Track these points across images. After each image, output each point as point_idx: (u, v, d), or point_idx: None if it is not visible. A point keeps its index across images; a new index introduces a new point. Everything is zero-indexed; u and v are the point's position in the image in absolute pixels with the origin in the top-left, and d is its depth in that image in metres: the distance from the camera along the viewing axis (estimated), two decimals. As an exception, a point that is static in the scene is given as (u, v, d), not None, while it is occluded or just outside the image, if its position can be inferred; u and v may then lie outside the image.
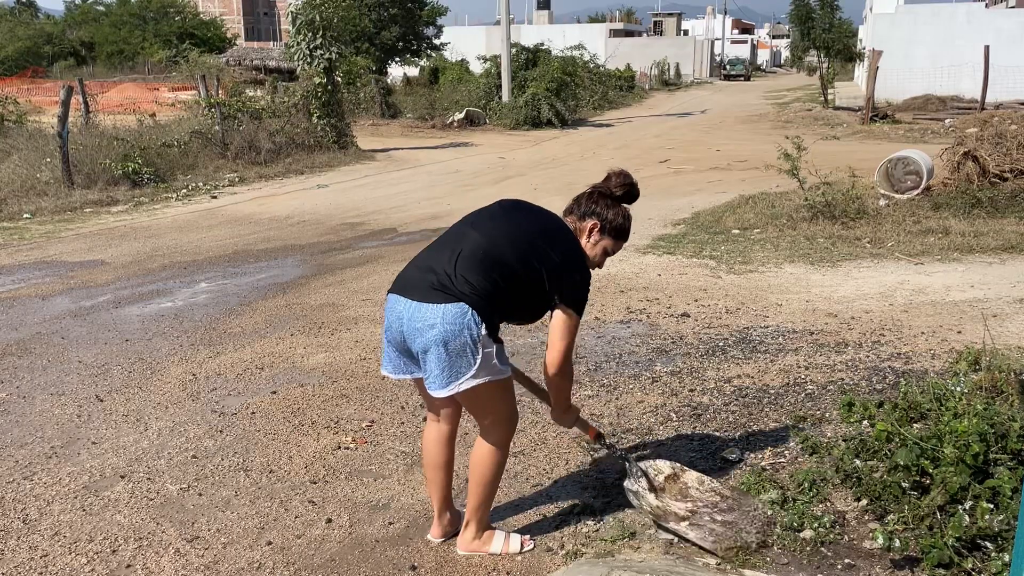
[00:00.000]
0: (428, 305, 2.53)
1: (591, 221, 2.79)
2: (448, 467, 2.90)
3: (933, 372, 4.35)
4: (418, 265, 2.67)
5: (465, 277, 2.54)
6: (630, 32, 57.09)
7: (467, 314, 2.50)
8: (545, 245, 2.63)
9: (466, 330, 2.50)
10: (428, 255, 2.68)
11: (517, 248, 2.60)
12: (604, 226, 2.79)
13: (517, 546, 2.90)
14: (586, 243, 2.79)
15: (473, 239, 2.62)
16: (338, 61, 15.81)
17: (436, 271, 2.58)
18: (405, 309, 2.58)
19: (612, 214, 2.80)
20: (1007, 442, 2.78)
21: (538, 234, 2.66)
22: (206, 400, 4.32)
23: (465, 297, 2.52)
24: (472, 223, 2.71)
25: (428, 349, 2.53)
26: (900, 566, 2.68)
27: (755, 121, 23.00)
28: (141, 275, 7.00)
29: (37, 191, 10.70)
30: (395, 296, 2.65)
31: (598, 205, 2.80)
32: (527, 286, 2.60)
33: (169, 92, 24.43)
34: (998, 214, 8.12)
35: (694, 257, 7.24)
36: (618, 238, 2.84)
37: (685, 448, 3.64)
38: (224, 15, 66.15)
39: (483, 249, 2.59)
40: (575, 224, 2.80)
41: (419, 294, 2.57)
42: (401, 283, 2.66)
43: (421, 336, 2.54)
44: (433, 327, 2.51)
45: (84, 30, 49.39)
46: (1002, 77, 21.32)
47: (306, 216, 9.65)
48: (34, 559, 2.92)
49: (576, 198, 2.85)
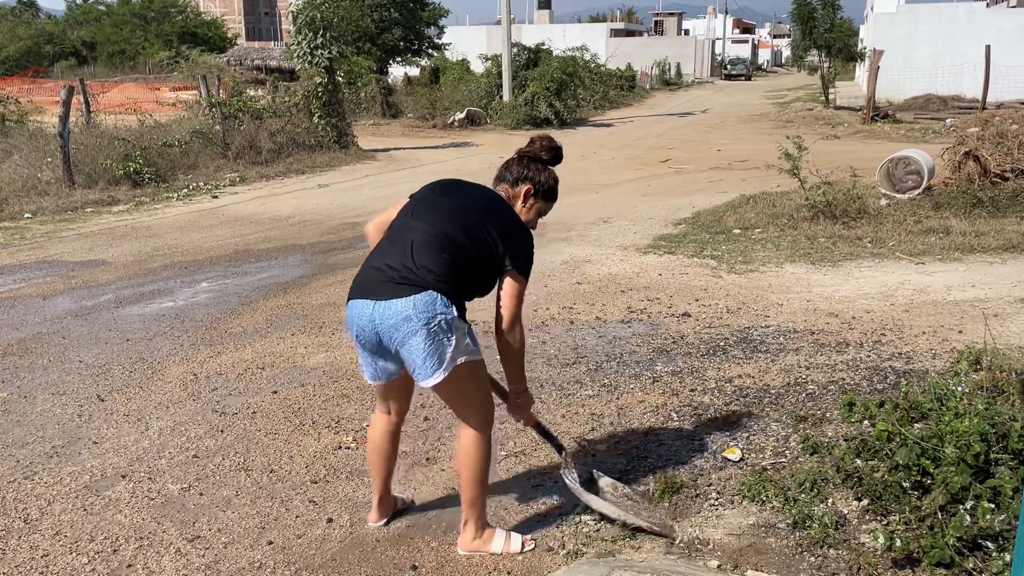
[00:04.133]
0: (398, 300, 2.57)
1: (524, 186, 2.88)
2: (394, 456, 3.01)
3: (934, 372, 4.35)
4: (374, 266, 2.69)
5: (425, 266, 2.60)
6: (631, 32, 57.07)
7: (437, 300, 2.56)
8: (487, 217, 2.71)
9: (439, 315, 2.56)
10: (380, 256, 2.72)
11: (463, 226, 2.67)
12: (537, 189, 2.89)
13: (518, 546, 2.90)
14: (521, 208, 2.88)
15: (420, 228, 2.68)
16: (339, 61, 15.81)
17: (395, 267, 2.62)
18: (375, 310, 2.61)
19: (543, 177, 2.90)
20: (1008, 442, 2.77)
21: (477, 208, 2.74)
22: (207, 400, 4.32)
23: (430, 284, 2.57)
24: (413, 214, 2.76)
25: (408, 342, 2.57)
26: (901, 566, 2.68)
27: (756, 121, 22.99)
28: (142, 275, 7.00)
29: (38, 191, 10.71)
30: (359, 301, 2.66)
31: (529, 170, 2.89)
32: (479, 260, 2.68)
33: (170, 92, 24.45)
34: (999, 214, 8.11)
35: (695, 257, 7.24)
36: (549, 199, 2.95)
37: (686, 448, 3.64)
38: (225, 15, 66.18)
39: (432, 235, 2.65)
40: (507, 191, 2.89)
41: (386, 292, 2.60)
42: (361, 287, 2.68)
43: (398, 331, 2.57)
44: (408, 319, 2.55)
45: (85, 30, 49.45)
46: (1003, 76, 21.32)
47: (307, 216, 9.65)
48: (35, 558, 2.93)
49: (505, 164, 2.93)
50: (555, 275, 6.72)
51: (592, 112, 26.63)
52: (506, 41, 23.31)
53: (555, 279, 6.60)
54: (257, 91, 19.88)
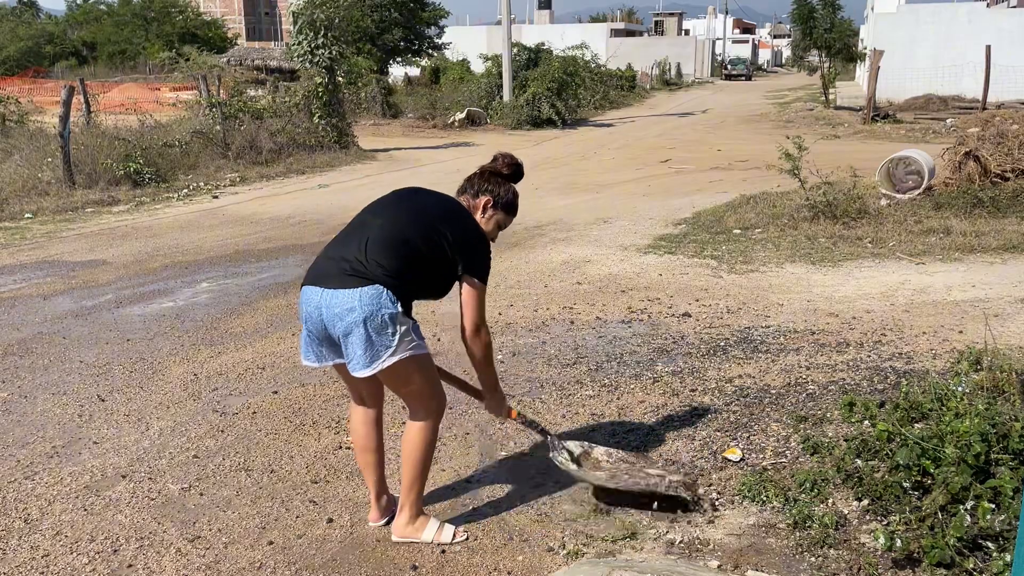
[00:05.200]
0: (345, 291, 2.65)
1: (484, 198, 2.97)
2: (379, 450, 3.03)
3: (934, 372, 4.35)
4: (329, 256, 2.80)
5: (376, 261, 2.68)
6: (631, 32, 57.05)
7: (383, 294, 2.64)
8: (446, 223, 2.80)
9: (384, 309, 2.64)
10: (336, 247, 2.81)
11: (420, 228, 2.76)
12: (497, 201, 2.98)
13: (450, 536, 2.96)
14: (481, 218, 2.97)
15: (378, 225, 2.78)
16: (339, 61, 15.81)
17: (348, 259, 2.71)
18: (323, 298, 2.70)
19: (503, 191, 2.99)
20: (1008, 442, 2.77)
21: (437, 215, 2.82)
22: (207, 400, 4.33)
23: (379, 279, 2.66)
24: (373, 212, 2.88)
25: (350, 332, 2.65)
26: (901, 566, 2.68)
27: (756, 121, 22.99)
28: (142, 275, 7.00)
29: (39, 191, 10.71)
30: (310, 288, 2.76)
31: (489, 183, 2.99)
32: (433, 263, 2.76)
33: (170, 92, 24.44)
34: (999, 214, 8.11)
35: (695, 257, 7.24)
36: (509, 212, 3.03)
37: (686, 448, 3.64)
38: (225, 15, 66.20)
39: (389, 233, 2.75)
40: (469, 202, 2.98)
41: (335, 282, 2.69)
42: (314, 274, 2.79)
43: (341, 320, 2.65)
44: (352, 310, 2.63)
45: (86, 30, 49.47)
46: (1003, 77, 21.30)
47: (307, 216, 9.65)
48: (35, 559, 2.93)
49: (468, 178, 3.04)
50: (555, 275, 6.72)
51: (592, 112, 26.63)
52: (506, 41, 23.31)
53: (555, 279, 6.60)
54: (257, 91, 19.89)
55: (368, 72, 23.23)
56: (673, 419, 3.94)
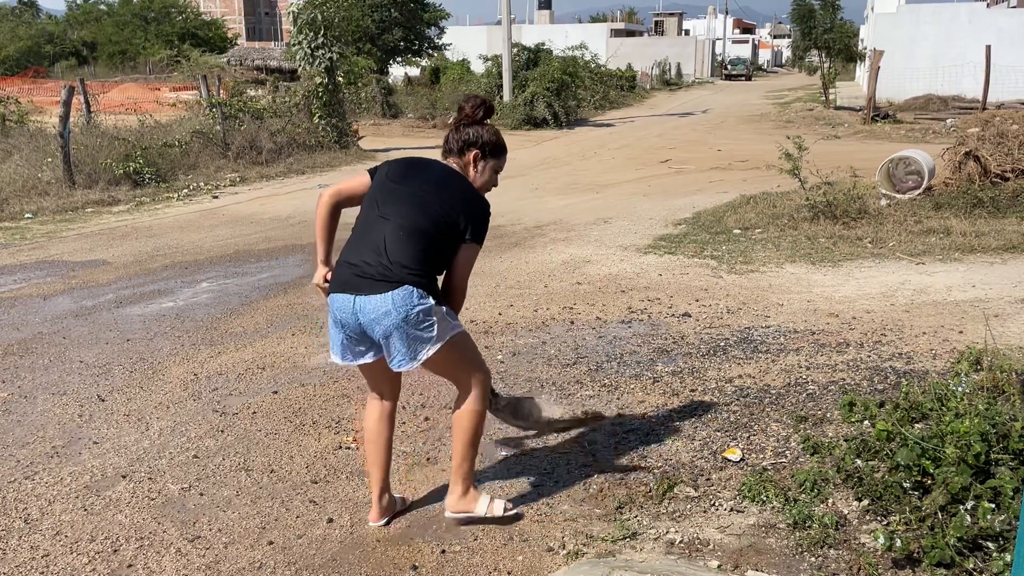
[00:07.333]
0: (376, 296, 2.73)
1: (471, 152, 2.97)
2: (388, 444, 3.09)
3: (935, 372, 4.35)
4: (350, 262, 2.85)
5: (399, 262, 2.75)
6: (631, 32, 57.04)
7: (413, 293, 2.73)
8: (444, 197, 2.85)
9: (418, 306, 2.73)
10: (354, 252, 2.86)
11: (426, 215, 2.82)
12: (484, 150, 2.97)
13: (500, 509, 3.03)
14: (475, 174, 2.99)
15: (389, 227, 2.82)
16: (339, 61, 15.81)
17: (371, 263, 2.78)
18: (356, 304, 2.78)
19: (485, 135, 2.98)
20: (1008, 442, 2.77)
21: (435, 190, 2.87)
22: (207, 400, 4.33)
23: (405, 279, 2.74)
24: (379, 211, 2.88)
25: (390, 334, 2.75)
26: (901, 566, 2.68)
27: (756, 121, 22.99)
28: (142, 275, 7.00)
29: (39, 191, 10.71)
30: (340, 296, 2.83)
31: (468, 134, 2.97)
32: (447, 238, 2.84)
33: (170, 92, 24.45)
34: (999, 214, 8.11)
35: (695, 257, 7.24)
36: (499, 154, 3.03)
37: (686, 448, 3.64)
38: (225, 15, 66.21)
39: (402, 230, 2.80)
40: (457, 163, 2.99)
41: (365, 288, 2.76)
42: (340, 282, 2.85)
43: (379, 324, 2.75)
44: (388, 314, 2.72)
45: (86, 30, 49.46)
46: (1003, 77, 21.30)
47: (307, 216, 9.65)
48: (35, 559, 2.93)
49: (445, 139, 3.03)
50: (555, 275, 6.72)
51: (592, 112, 26.63)
52: (506, 41, 23.32)
53: (555, 279, 6.60)
54: (257, 91, 19.90)
55: (368, 72, 23.23)
56: (673, 419, 3.94)
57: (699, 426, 3.85)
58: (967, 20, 26.12)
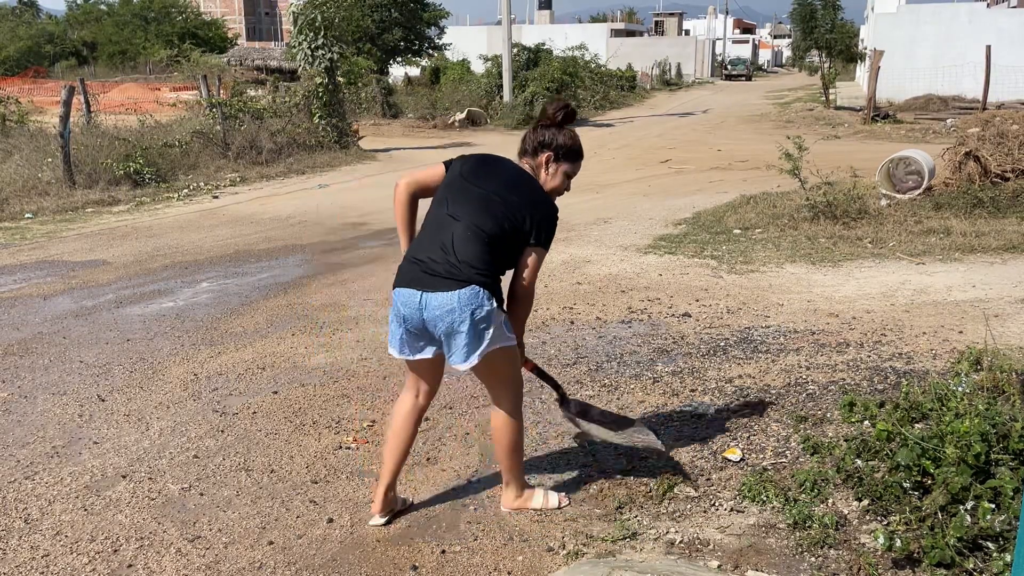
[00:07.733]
0: (443, 293, 2.76)
1: (544, 154, 2.98)
2: (410, 441, 3.11)
3: (935, 372, 4.35)
4: (417, 259, 2.87)
5: (468, 263, 2.78)
6: (631, 32, 57.03)
7: (479, 294, 2.77)
8: (514, 199, 2.87)
9: (483, 307, 2.77)
10: (421, 249, 2.88)
11: (494, 214, 2.84)
12: (557, 153, 2.98)
13: (556, 502, 3.16)
14: (545, 176, 3.00)
15: (458, 226, 2.84)
16: (339, 61, 15.81)
17: (437, 261, 2.80)
18: (422, 300, 2.80)
19: (561, 139, 2.98)
20: (1009, 442, 2.77)
21: (505, 191, 2.89)
22: (207, 400, 4.33)
23: (473, 279, 2.77)
24: (448, 206, 2.90)
25: (452, 332, 2.79)
26: (901, 566, 2.67)
27: (756, 121, 22.99)
28: (143, 275, 7.00)
29: (39, 191, 10.72)
30: (406, 290, 2.85)
31: (544, 136, 2.98)
32: (513, 239, 2.87)
33: (171, 92, 24.45)
34: (1000, 214, 8.11)
35: (695, 257, 7.24)
36: (574, 159, 3.02)
37: (686, 448, 3.64)
38: (226, 15, 66.21)
39: (469, 230, 2.82)
40: (530, 163, 3.01)
41: (431, 284, 2.79)
42: (408, 278, 2.87)
43: (443, 321, 2.78)
44: (453, 311, 2.76)
45: (86, 30, 49.44)
46: (1004, 77, 21.31)
47: (307, 216, 9.65)
48: (35, 559, 2.93)
49: (522, 138, 3.05)
50: (555, 275, 6.72)
51: (592, 112, 26.62)
52: (506, 41, 23.32)
53: (555, 279, 6.60)
54: (258, 91, 19.91)
55: (368, 72, 23.23)
56: (673, 419, 3.94)
57: (699, 426, 3.85)
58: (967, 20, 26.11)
